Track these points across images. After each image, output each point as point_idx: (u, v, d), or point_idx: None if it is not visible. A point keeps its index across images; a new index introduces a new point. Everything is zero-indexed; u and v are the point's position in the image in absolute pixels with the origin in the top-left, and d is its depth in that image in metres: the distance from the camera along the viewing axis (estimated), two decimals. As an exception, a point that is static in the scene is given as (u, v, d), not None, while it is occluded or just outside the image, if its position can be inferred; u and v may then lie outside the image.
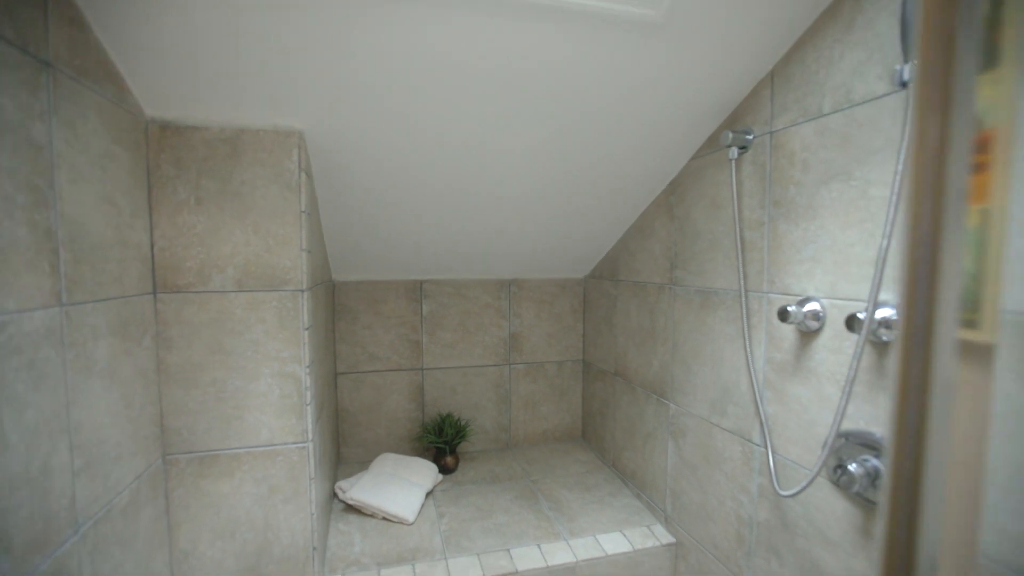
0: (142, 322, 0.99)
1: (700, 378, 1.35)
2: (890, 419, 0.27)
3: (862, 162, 0.89)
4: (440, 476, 1.80)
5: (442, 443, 1.87)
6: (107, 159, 0.87)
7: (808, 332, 1.00)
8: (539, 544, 1.43)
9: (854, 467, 0.87)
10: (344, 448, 1.93)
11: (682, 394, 1.43)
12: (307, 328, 1.15)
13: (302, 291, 1.13)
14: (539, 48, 0.99)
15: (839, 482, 0.89)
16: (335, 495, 1.64)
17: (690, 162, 1.38)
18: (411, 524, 1.52)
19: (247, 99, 1.02)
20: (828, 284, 0.96)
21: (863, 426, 0.89)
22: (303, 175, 1.12)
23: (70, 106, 0.77)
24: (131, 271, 0.95)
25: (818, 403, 0.98)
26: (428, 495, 1.70)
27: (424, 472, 1.74)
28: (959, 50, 0.25)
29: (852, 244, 0.91)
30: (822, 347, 0.97)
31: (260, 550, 1.14)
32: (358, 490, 1.57)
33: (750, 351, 1.14)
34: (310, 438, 1.16)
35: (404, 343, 1.96)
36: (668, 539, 1.46)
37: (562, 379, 2.18)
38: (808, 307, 0.98)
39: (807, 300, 0.99)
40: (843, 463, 0.88)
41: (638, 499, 1.68)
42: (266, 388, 1.12)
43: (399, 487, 1.62)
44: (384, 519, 1.53)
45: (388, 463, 1.75)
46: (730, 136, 1.14)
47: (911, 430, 0.27)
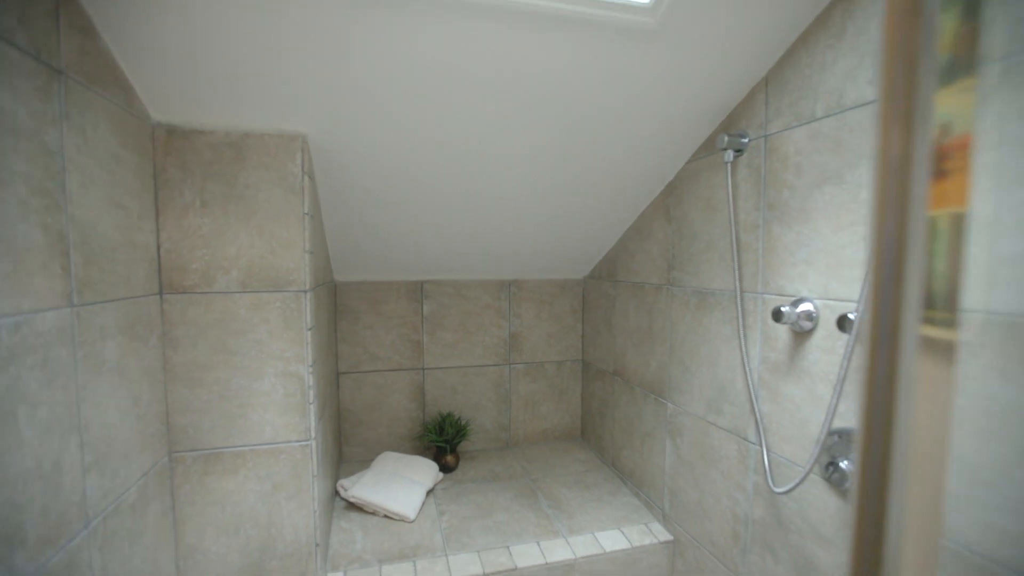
0: (149, 322, 1.01)
1: (697, 378, 1.37)
2: (859, 412, 0.29)
3: (853, 166, 0.90)
4: (441, 475, 1.82)
5: (443, 442, 1.89)
6: (115, 163, 0.89)
7: (801, 332, 1.01)
8: (538, 541, 1.45)
9: (845, 464, 0.89)
10: (346, 447, 1.95)
11: (679, 393, 1.45)
12: (310, 328, 1.17)
13: (305, 292, 1.15)
14: (538, 54, 1.01)
15: (831, 479, 0.91)
16: (337, 493, 1.66)
17: (687, 165, 1.40)
18: (412, 522, 1.54)
19: (251, 104, 1.04)
20: (821, 285, 0.98)
21: (854, 424, 0.91)
22: (306, 178, 1.14)
23: (80, 112, 0.79)
24: (138, 272, 0.97)
25: (811, 402, 1.00)
26: (429, 493, 1.72)
27: (425, 471, 1.76)
28: (919, 66, 0.27)
29: (844, 246, 0.93)
30: (815, 347, 0.99)
31: (264, 546, 1.16)
32: (360, 488, 1.60)
33: (745, 351, 1.16)
34: (313, 436, 1.18)
35: (405, 343, 1.98)
36: (666, 537, 1.48)
37: (562, 379, 2.20)
38: (801, 308, 0.99)
39: (800, 301, 1.01)
40: (835, 460, 0.90)
41: (636, 497, 1.70)
42: (270, 387, 1.14)
43: (400, 485, 1.64)
44: (385, 517, 1.55)
45: (389, 462, 1.77)
46: (726, 139, 1.16)
47: (879, 422, 0.28)
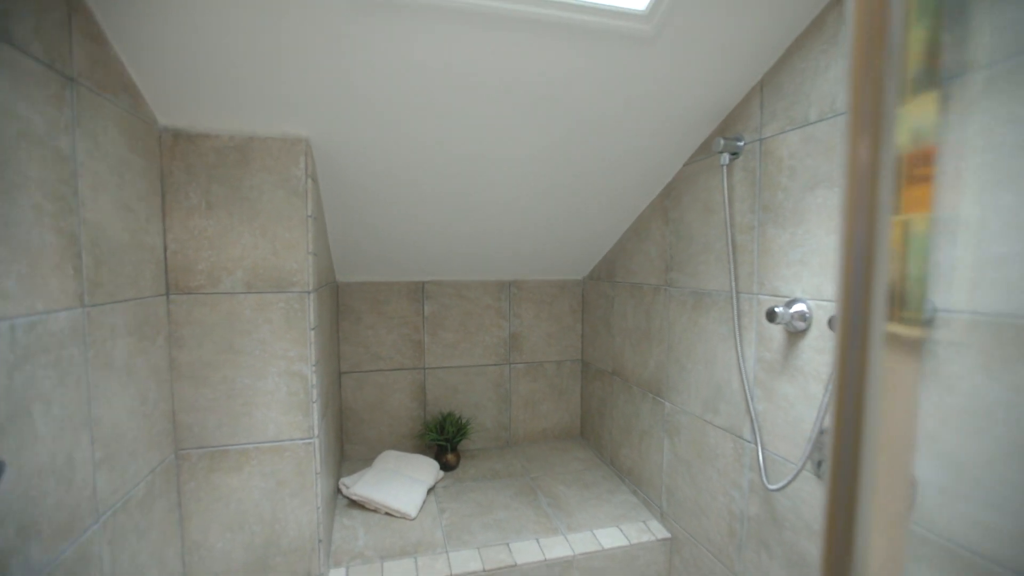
0: (156, 322, 1.03)
1: (694, 377, 1.39)
2: (832, 404, 0.31)
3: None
4: (441, 473, 1.84)
5: (443, 441, 1.91)
6: (124, 167, 0.92)
7: (795, 332, 1.03)
8: (538, 539, 1.47)
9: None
10: (348, 445, 1.97)
11: (676, 393, 1.47)
12: (313, 328, 1.19)
13: (308, 292, 1.17)
14: (536, 60, 1.03)
15: (822, 475, 0.93)
16: (339, 491, 1.68)
17: (684, 167, 1.42)
18: (413, 519, 1.56)
19: (255, 108, 1.07)
20: (814, 286, 1.00)
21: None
22: (309, 181, 1.16)
23: (91, 118, 0.81)
24: (146, 273, 1.00)
25: (804, 400, 1.02)
26: (430, 491, 1.74)
27: (426, 469, 1.78)
28: (884, 81, 0.29)
29: (836, 248, 0.95)
30: (808, 347, 1.01)
31: (268, 542, 1.18)
32: (362, 486, 1.62)
33: (741, 351, 1.18)
34: (316, 434, 1.20)
35: (406, 343, 2.00)
36: (663, 534, 1.50)
37: (561, 378, 2.22)
38: (795, 308, 1.01)
39: (794, 301, 1.03)
40: (826, 457, 0.92)
41: (635, 495, 1.72)
42: (274, 386, 1.16)
43: (402, 483, 1.66)
44: (387, 514, 1.57)
45: (391, 460, 1.79)
46: (721, 143, 1.18)
47: (850, 414, 0.31)
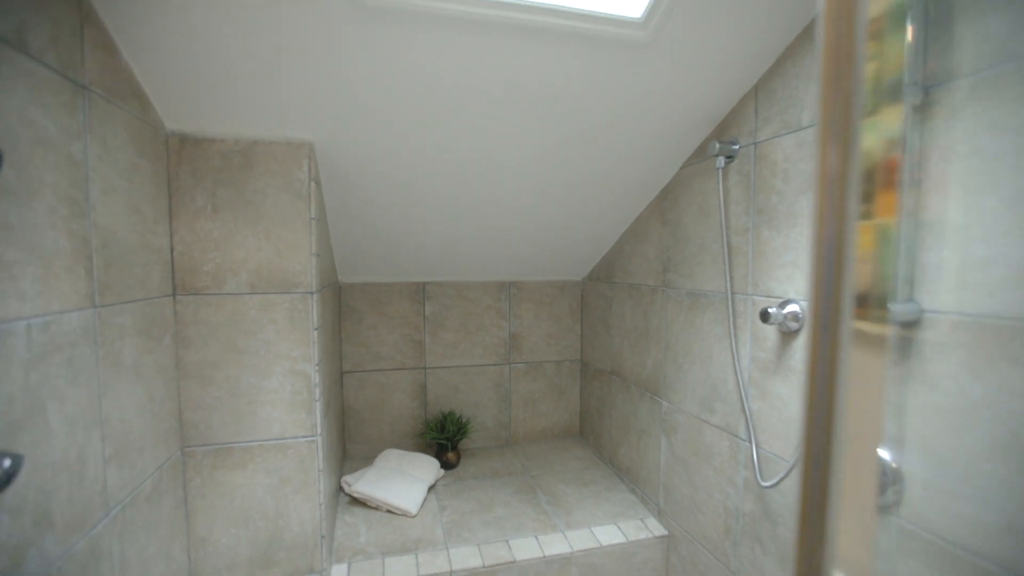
0: (163, 322, 1.06)
1: (690, 377, 1.41)
2: (804, 397, 0.33)
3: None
4: (442, 471, 1.86)
5: (444, 440, 1.94)
6: (133, 171, 0.94)
7: (788, 332, 1.06)
8: (537, 536, 1.49)
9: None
10: (350, 444, 2.00)
11: (674, 392, 1.49)
12: (316, 328, 1.21)
13: (312, 293, 1.19)
14: (535, 66, 1.05)
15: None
16: (341, 489, 1.70)
17: (681, 170, 1.44)
18: (414, 516, 1.58)
19: (259, 113, 1.09)
20: (807, 288, 1.02)
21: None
22: (312, 184, 1.18)
23: (102, 124, 0.84)
24: (153, 274, 1.02)
25: (798, 399, 1.04)
26: (430, 489, 1.77)
27: (427, 467, 1.80)
28: (851, 95, 0.31)
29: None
30: (801, 347, 1.03)
31: (272, 538, 1.20)
32: (363, 484, 1.64)
33: (736, 350, 1.20)
34: (319, 432, 1.23)
35: (407, 343, 2.02)
36: (661, 531, 1.52)
37: (561, 378, 2.24)
38: (788, 309, 1.03)
39: (787, 302, 1.05)
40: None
41: (632, 493, 1.74)
42: (278, 385, 1.18)
43: (403, 481, 1.68)
44: (388, 511, 1.60)
45: (392, 458, 1.81)
46: (717, 146, 1.20)
47: (821, 405, 0.33)
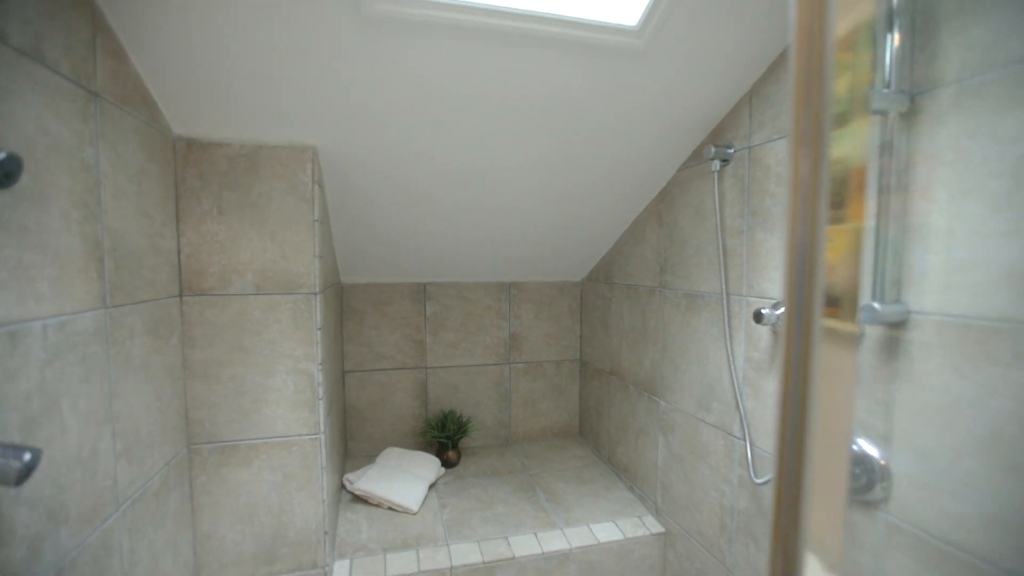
0: (170, 322, 1.08)
1: (687, 376, 1.43)
2: (779, 391, 0.36)
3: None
4: (443, 469, 1.89)
5: (445, 438, 1.96)
6: (142, 175, 0.97)
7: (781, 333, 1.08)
8: (536, 533, 1.52)
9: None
10: (351, 443, 2.02)
11: (671, 392, 1.51)
12: (319, 328, 1.24)
13: (315, 294, 1.22)
14: (534, 73, 1.07)
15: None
16: (343, 487, 1.73)
17: (678, 173, 1.47)
18: (415, 513, 1.61)
19: (264, 118, 1.12)
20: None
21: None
22: (316, 187, 1.21)
23: (113, 130, 0.86)
24: (161, 276, 1.05)
25: (790, 398, 1.06)
26: (431, 487, 1.79)
27: (427, 465, 1.83)
28: (822, 108, 0.34)
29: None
30: (794, 347, 1.05)
31: (276, 533, 1.23)
32: (365, 481, 1.67)
33: (731, 350, 1.23)
34: (322, 430, 1.25)
35: (409, 343, 2.05)
36: (658, 529, 1.55)
37: (560, 378, 2.26)
38: (781, 310, 1.06)
39: (780, 303, 1.07)
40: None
41: (631, 491, 1.77)
42: (281, 384, 1.21)
43: (404, 479, 1.70)
44: (390, 509, 1.62)
45: (393, 457, 1.84)
46: (712, 150, 1.22)
47: (795, 400, 0.35)
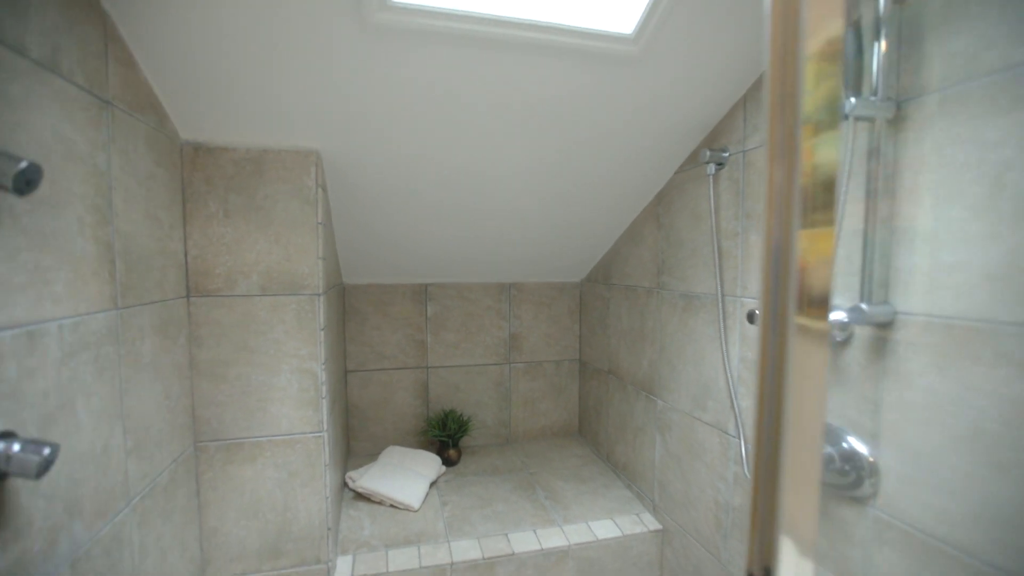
0: (178, 323, 1.11)
1: (684, 376, 1.46)
2: (755, 384, 0.38)
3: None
4: (443, 468, 1.91)
5: (445, 437, 1.99)
6: (151, 180, 0.99)
7: (775, 333, 1.10)
8: (535, 529, 1.54)
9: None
10: (354, 441, 2.05)
11: (668, 391, 1.54)
12: (323, 328, 1.27)
13: (318, 295, 1.25)
14: (533, 80, 1.10)
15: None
16: (346, 484, 1.75)
17: (675, 176, 1.49)
18: (416, 511, 1.63)
19: (269, 123, 1.14)
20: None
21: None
22: (319, 190, 1.23)
23: (124, 136, 0.89)
24: (169, 277, 1.07)
25: (783, 397, 1.09)
26: (432, 485, 1.82)
27: (429, 464, 1.85)
28: (794, 124, 0.36)
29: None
30: (786, 346, 1.07)
31: (280, 529, 1.25)
32: (367, 479, 1.69)
33: (726, 350, 1.25)
34: (325, 428, 1.28)
35: (410, 343, 2.08)
36: (655, 526, 1.57)
37: (560, 377, 2.29)
38: (774, 310, 1.08)
39: (773, 304, 1.09)
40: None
41: (629, 490, 1.79)
42: (286, 383, 1.23)
43: (405, 477, 1.73)
44: (391, 506, 1.65)
45: (395, 455, 1.86)
46: (707, 154, 1.25)
47: (771, 391, 0.37)
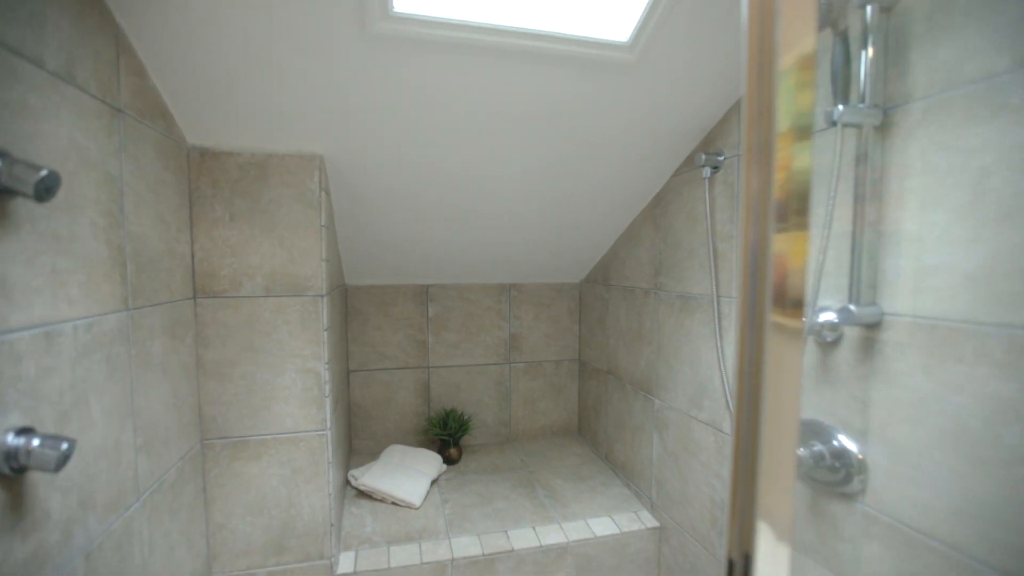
0: (185, 323, 1.14)
1: (680, 375, 1.48)
2: (735, 379, 0.40)
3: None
4: (444, 466, 1.94)
5: (446, 436, 2.01)
6: (160, 184, 1.02)
7: (768, 333, 1.12)
8: (534, 527, 1.57)
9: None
10: (356, 440, 2.08)
11: (665, 390, 1.56)
12: (326, 329, 1.29)
13: (322, 296, 1.27)
14: (531, 87, 1.13)
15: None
16: (348, 482, 1.78)
17: (672, 178, 1.51)
18: (418, 508, 1.66)
19: (274, 128, 1.17)
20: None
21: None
22: (323, 194, 1.26)
23: (134, 142, 0.92)
24: (177, 279, 1.10)
25: (776, 396, 1.11)
26: (433, 483, 1.84)
27: (430, 462, 1.88)
28: (770, 133, 0.39)
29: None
30: (779, 346, 1.10)
31: (284, 525, 1.28)
32: (369, 477, 1.72)
33: (721, 350, 1.27)
34: (328, 426, 1.30)
35: (411, 343, 2.10)
36: (653, 523, 1.59)
37: (559, 377, 2.31)
38: (767, 311, 1.10)
39: (767, 305, 1.12)
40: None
41: (627, 488, 1.81)
42: (290, 382, 1.26)
43: (407, 475, 1.76)
44: (393, 504, 1.67)
45: (396, 454, 1.89)
46: (703, 158, 1.27)
47: (749, 386, 0.40)
